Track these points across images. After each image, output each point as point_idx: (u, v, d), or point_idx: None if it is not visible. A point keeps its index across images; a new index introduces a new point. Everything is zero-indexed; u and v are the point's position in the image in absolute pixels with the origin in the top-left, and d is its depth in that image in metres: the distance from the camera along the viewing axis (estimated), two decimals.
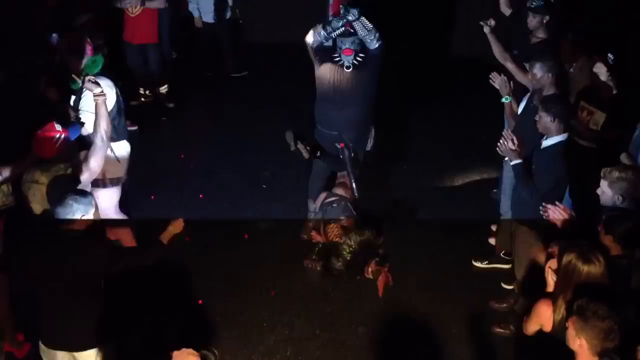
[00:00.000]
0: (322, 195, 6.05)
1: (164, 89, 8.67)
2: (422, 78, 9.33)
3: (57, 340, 3.90)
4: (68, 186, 3.87)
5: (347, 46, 5.63)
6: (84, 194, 3.85)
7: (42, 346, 3.97)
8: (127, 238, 5.61)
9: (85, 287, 3.82)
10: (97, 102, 4.63)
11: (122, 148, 5.44)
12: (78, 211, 3.75)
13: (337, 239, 5.69)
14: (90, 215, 3.84)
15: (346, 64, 5.67)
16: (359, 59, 5.67)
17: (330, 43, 5.83)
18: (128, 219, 5.70)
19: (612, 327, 3.03)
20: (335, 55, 5.71)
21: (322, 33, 5.65)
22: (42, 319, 3.91)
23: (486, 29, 6.05)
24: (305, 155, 5.94)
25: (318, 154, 5.97)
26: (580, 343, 3.10)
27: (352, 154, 5.94)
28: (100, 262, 3.81)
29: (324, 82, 5.79)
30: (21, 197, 4.44)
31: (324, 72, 5.78)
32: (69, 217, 3.73)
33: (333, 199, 5.95)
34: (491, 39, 6.03)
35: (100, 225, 4.39)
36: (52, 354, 3.94)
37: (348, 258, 5.64)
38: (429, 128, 8.35)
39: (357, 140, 5.99)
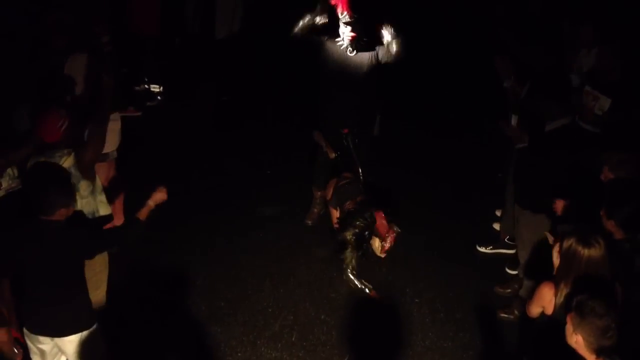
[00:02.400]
0: (333, 181, 5.99)
1: (155, 87, 8.49)
2: (422, 68, 9.29)
3: (39, 326, 3.91)
4: (49, 177, 3.83)
5: (350, 31, 5.55)
6: (65, 185, 3.80)
7: (25, 331, 3.99)
8: (117, 214, 5.67)
9: (65, 275, 3.81)
10: (104, 86, 4.62)
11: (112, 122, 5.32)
12: (57, 204, 3.71)
13: (351, 207, 5.58)
14: (70, 210, 3.81)
15: (350, 48, 5.64)
16: (362, 42, 5.62)
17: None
18: (119, 195, 5.76)
19: (609, 325, 3.03)
20: (339, 40, 5.67)
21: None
22: (25, 304, 3.92)
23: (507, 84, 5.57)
24: (331, 155, 5.94)
25: (338, 153, 5.96)
26: (576, 339, 3.11)
27: (356, 140, 5.94)
28: (80, 251, 3.81)
29: (328, 66, 5.76)
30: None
31: (328, 56, 5.74)
32: (48, 209, 3.70)
33: (345, 181, 5.89)
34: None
35: (80, 213, 4.37)
36: (35, 339, 3.96)
37: (358, 231, 5.46)
38: (433, 113, 8.33)
39: (362, 125, 5.98)
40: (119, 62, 6.41)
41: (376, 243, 5.39)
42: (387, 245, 5.34)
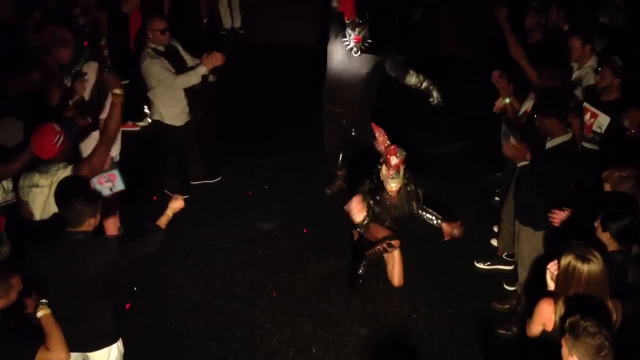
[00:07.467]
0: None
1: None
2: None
3: (70, 342, 3.89)
4: (75, 189, 3.84)
5: (356, 34, 6.01)
6: (91, 197, 3.83)
7: None
8: (111, 225, 5.76)
9: (95, 288, 3.84)
10: (114, 102, 4.63)
11: None
12: (86, 214, 3.74)
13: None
14: (97, 218, 3.83)
15: (355, 49, 6.06)
16: (366, 44, 6.07)
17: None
18: (115, 206, 5.78)
19: (602, 343, 3.03)
20: (346, 40, 6.07)
21: None
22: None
23: (501, 17, 5.92)
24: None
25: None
26: None
27: (352, 128, 6.48)
28: (109, 262, 3.81)
29: (334, 62, 6.22)
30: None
31: (334, 52, 6.19)
32: (76, 220, 3.73)
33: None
34: (507, 30, 5.89)
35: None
36: None
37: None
38: (430, 129, 8.33)
39: (358, 119, 6.45)
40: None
41: (383, 170, 5.37)
42: (394, 162, 5.28)
